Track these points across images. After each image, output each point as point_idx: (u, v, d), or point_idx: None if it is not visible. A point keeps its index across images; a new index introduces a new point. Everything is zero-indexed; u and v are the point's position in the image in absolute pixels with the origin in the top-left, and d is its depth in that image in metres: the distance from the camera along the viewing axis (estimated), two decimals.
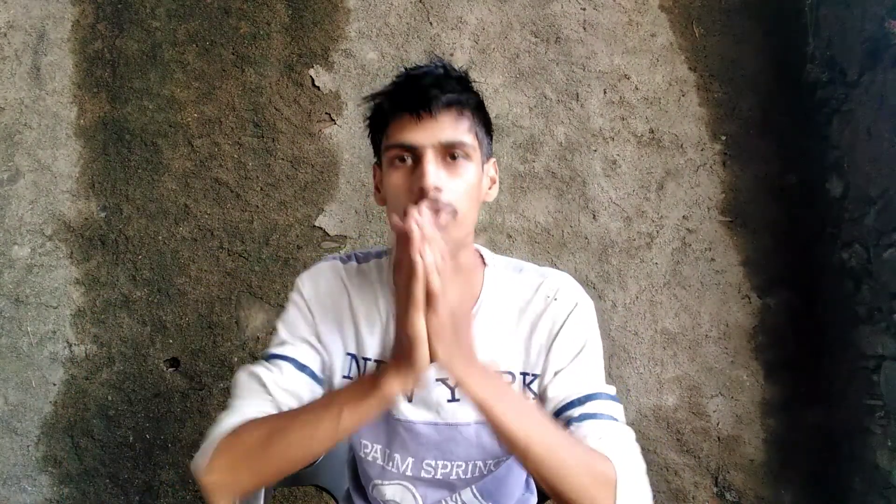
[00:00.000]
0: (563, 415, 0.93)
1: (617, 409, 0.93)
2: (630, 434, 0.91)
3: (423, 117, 0.87)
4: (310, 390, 0.96)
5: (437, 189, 0.86)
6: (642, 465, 0.88)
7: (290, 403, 0.93)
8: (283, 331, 1.01)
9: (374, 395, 0.80)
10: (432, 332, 0.76)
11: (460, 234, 0.90)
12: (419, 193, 0.86)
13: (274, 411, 0.91)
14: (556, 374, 0.96)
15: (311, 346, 0.99)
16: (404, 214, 0.78)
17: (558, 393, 0.95)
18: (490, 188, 0.99)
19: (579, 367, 0.96)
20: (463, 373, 0.79)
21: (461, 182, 0.89)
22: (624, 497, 0.81)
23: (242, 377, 0.96)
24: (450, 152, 0.89)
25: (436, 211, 0.85)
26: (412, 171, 0.88)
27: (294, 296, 1.02)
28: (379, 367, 1.00)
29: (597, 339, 0.99)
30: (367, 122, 0.97)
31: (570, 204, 2.00)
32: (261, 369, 0.95)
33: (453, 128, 0.88)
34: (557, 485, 0.79)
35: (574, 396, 0.93)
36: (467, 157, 0.90)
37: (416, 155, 0.88)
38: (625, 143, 2.02)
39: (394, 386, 0.79)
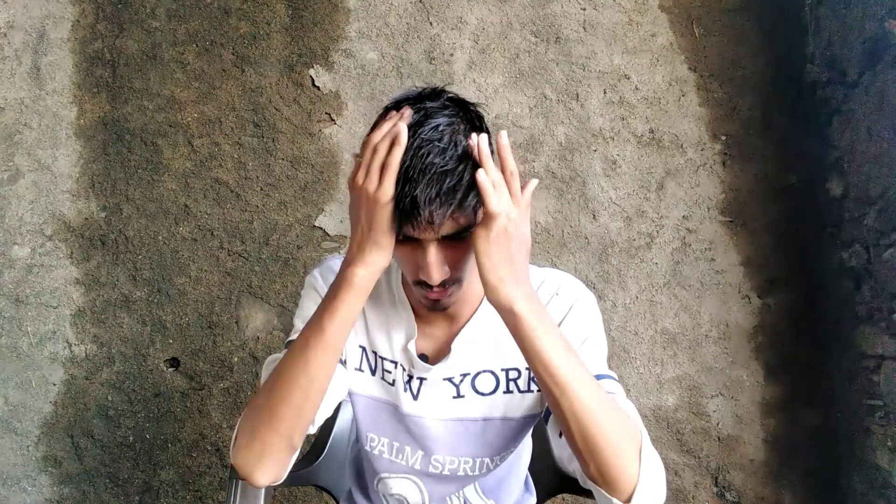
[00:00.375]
0: None
1: (621, 391, 0.92)
2: (631, 405, 0.90)
3: (423, 227, 0.81)
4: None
5: (443, 278, 0.85)
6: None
7: None
8: (298, 323, 1.00)
9: (340, 284, 0.81)
10: (484, 252, 0.78)
11: (465, 288, 0.91)
12: (425, 284, 0.85)
13: None
14: None
15: None
16: (413, 283, 0.86)
17: None
18: None
19: (588, 350, 0.95)
20: (516, 294, 0.79)
21: (466, 253, 0.86)
22: (647, 458, 0.80)
23: (266, 366, 0.96)
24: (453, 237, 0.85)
25: (442, 292, 0.86)
26: (415, 249, 0.85)
27: (307, 289, 1.02)
28: (379, 360, 1.00)
29: (600, 331, 0.98)
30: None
31: (570, 204, 2.00)
32: (281, 356, 0.96)
33: (454, 224, 0.82)
34: (589, 427, 0.77)
35: None
36: (470, 232, 0.84)
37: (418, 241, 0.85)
38: (625, 143, 2.02)
39: (355, 266, 0.80)
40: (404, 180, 0.79)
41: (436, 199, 0.78)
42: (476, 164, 0.81)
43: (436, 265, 0.83)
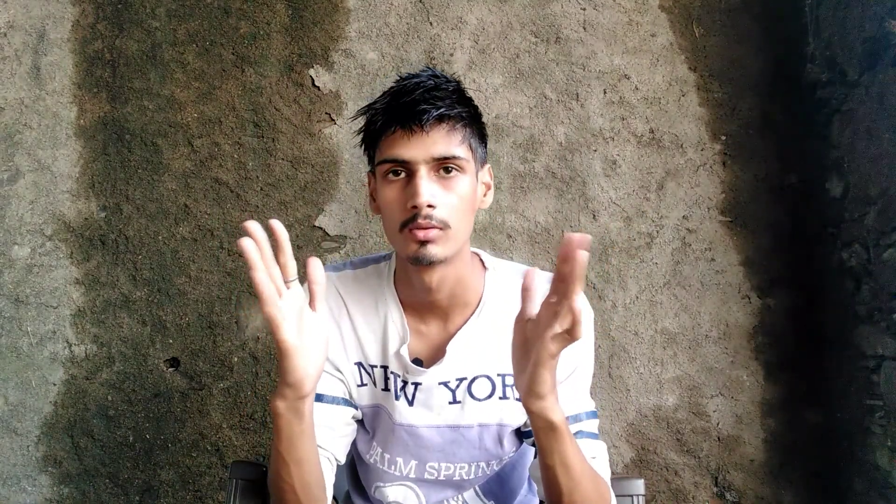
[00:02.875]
0: None
1: (597, 425, 1.00)
2: (605, 450, 0.99)
3: (414, 132, 0.86)
4: (331, 416, 0.99)
5: (431, 206, 0.86)
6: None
7: (318, 434, 0.95)
8: None
9: (272, 413, 0.83)
10: (549, 364, 0.78)
11: (454, 248, 0.90)
12: (413, 210, 0.86)
13: None
14: (558, 384, 0.96)
15: (325, 371, 0.99)
16: (400, 229, 0.86)
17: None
18: (485, 195, 0.99)
19: (576, 382, 0.98)
20: (556, 409, 0.81)
21: (454, 196, 0.89)
22: None
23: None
24: (443, 166, 0.88)
25: (428, 227, 0.86)
26: (405, 185, 0.88)
27: None
28: (375, 371, 1.00)
29: (592, 353, 1.02)
30: (360, 134, 0.96)
31: (570, 204, 2.00)
32: None
33: (446, 142, 0.88)
34: (577, 501, 0.85)
35: (572, 412, 0.97)
36: (461, 169, 0.89)
37: (409, 169, 0.88)
38: (625, 143, 2.02)
39: (275, 400, 0.82)
40: (400, 90, 0.88)
41: (428, 99, 0.86)
42: (464, 94, 0.91)
43: (425, 184, 0.86)
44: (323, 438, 0.97)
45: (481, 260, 1.03)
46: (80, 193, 2.00)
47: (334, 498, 1.26)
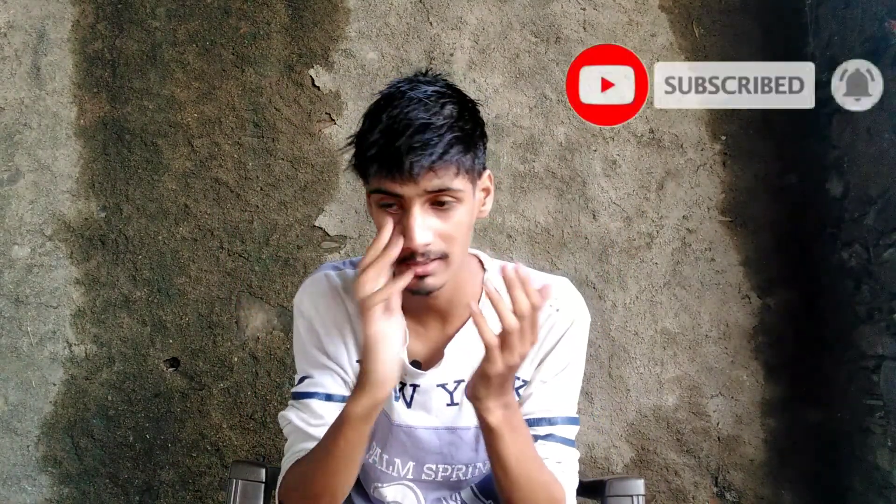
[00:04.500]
0: (533, 427, 0.97)
1: (575, 431, 1.00)
2: (576, 458, 1.00)
3: (405, 178, 0.82)
4: None
5: (426, 245, 0.84)
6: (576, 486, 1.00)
7: None
8: (300, 363, 1.02)
9: (344, 418, 0.85)
10: (482, 385, 0.84)
11: (452, 272, 0.90)
12: (408, 252, 0.84)
13: None
14: (542, 383, 0.98)
15: (329, 369, 0.99)
16: (397, 263, 0.86)
17: (536, 405, 0.98)
18: (484, 204, 0.96)
19: (561, 385, 0.99)
20: (491, 407, 0.84)
21: (451, 225, 0.86)
22: None
23: (283, 423, 1.00)
24: (438, 198, 0.85)
25: (426, 264, 0.86)
26: (399, 218, 0.85)
27: (297, 321, 1.02)
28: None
29: (583, 358, 1.02)
30: (350, 162, 0.92)
31: (570, 204, 2.00)
32: (292, 413, 0.99)
33: (440, 178, 0.83)
34: (518, 500, 0.89)
35: (548, 415, 0.97)
36: (457, 200, 0.86)
37: (402, 204, 0.85)
38: (625, 143, 2.02)
39: (354, 407, 0.84)
40: (388, 131, 0.82)
41: (418, 148, 0.80)
42: (457, 123, 0.85)
43: (419, 225, 0.84)
44: None
45: (480, 261, 1.03)
46: (80, 193, 2.00)
47: None
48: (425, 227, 0.84)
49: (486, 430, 0.85)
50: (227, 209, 1.99)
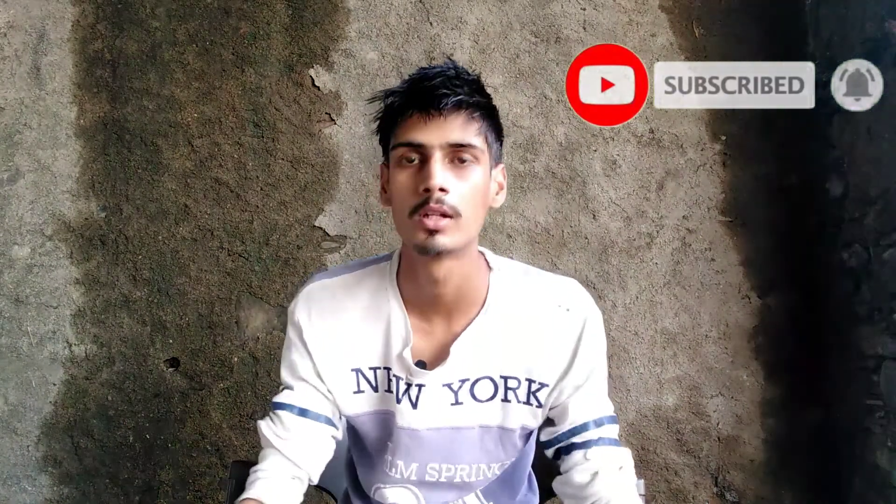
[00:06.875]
0: (580, 434, 0.97)
1: (617, 430, 1.00)
2: (630, 456, 0.99)
3: (432, 116, 0.87)
4: (313, 433, 1.00)
5: (443, 190, 0.86)
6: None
7: (296, 451, 0.98)
8: (284, 373, 1.02)
9: None
10: None
11: (463, 239, 0.89)
12: (424, 193, 0.86)
13: (284, 462, 0.98)
14: (577, 388, 0.98)
15: (311, 384, 1.00)
16: (410, 215, 0.86)
17: (579, 412, 0.98)
18: (497, 194, 0.98)
19: (595, 385, 0.99)
20: None
21: (467, 185, 0.88)
22: None
23: (259, 429, 1.01)
24: (458, 154, 0.88)
25: (441, 214, 0.85)
26: (419, 170, 0.88)
27: (289, 331, 1.02)
28: (377, 373, 1.00)
29: (605, 355, 1.02)
30: (377, 120, 0.96)
31: (570, 204, 2.00)
32: (265, 423, 1.00)
33: (462, 129, 0.88)
34: None
35: (594, 416, 0.98)
36: (475, 160, 0.89)
37: (424, 155, 0.88)
38: (625, 143, 2.02)
39: None
40: (420, 76, 0.90)
41: (448, 85, 0.87)
42: (483, 90, 0.93)
43: (439, 169, 0.87)
44: (303, 456, 0.98)
45: (486, 259, 1.03)
46: (80, 193, 2.00)
47: (333, 498, 1.26)
48: (444, 175, 0.87)
49: None
50: (227, 209, 1.99)
